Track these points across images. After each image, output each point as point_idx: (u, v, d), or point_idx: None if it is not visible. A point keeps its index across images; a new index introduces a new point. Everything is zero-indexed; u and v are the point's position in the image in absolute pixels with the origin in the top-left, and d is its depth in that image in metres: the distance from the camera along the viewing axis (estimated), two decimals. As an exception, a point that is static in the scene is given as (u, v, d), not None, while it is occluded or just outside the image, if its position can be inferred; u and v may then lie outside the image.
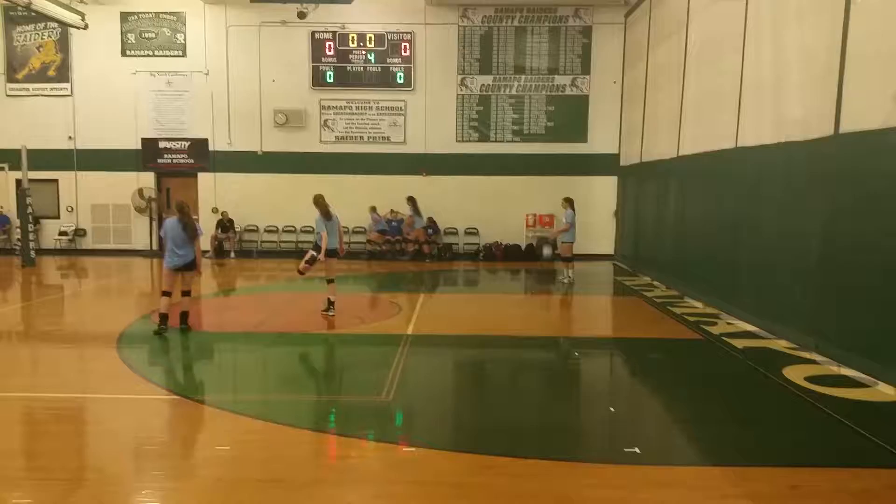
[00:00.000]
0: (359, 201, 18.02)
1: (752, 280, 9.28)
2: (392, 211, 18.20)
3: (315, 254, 9.74)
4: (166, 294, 8.79)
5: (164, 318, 8.72)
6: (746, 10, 9.61)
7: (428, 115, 18.32)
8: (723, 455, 4.87)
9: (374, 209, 17.94)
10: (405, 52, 18.17)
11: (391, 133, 18.44)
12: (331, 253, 9.92)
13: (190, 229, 8.71)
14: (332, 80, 18.31)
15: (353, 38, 18.15)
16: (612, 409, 6.13)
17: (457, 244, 18.59)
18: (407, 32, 18.11)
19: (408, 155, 18.38)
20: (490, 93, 18.33)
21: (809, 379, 6.68)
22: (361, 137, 18.48)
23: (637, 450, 4.89)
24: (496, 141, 18.38)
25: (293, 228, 18.54)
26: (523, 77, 18.24)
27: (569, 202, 13.54)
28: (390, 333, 8.96)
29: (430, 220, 18.20)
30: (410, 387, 6.66)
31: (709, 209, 10.98)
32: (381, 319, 10.17)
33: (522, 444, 5.08)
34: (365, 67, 18.26)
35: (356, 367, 7.63)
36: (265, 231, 18.73)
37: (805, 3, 8.09)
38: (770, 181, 8.78)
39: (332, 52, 18.24)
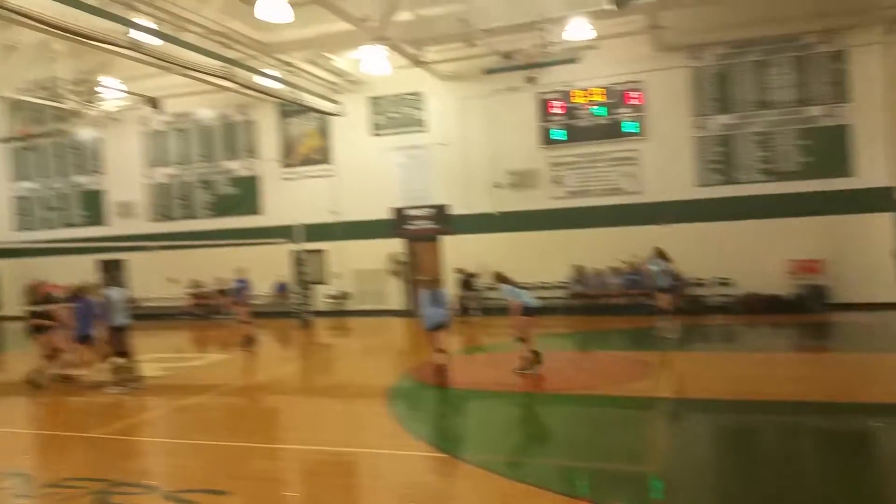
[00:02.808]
0: (594, 255, 17.92)
1: None
2: (629, 262, 17.72)
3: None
4: (438, 351, 9.80)
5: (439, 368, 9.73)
6: None
7: (662, 161, 17.75)
8: None
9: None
10: (634, 101, 17.91)
11: (624, 183, 18.13)
12: (532, 311, 10.28)
13: (439, 296, 9.89)
14: (559, 138, 18.59)
15: (579, 94, 18.33)
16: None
17: (707, 296, 17.45)
18: (635, 81, 17.88)
19: (643, 205, 17.88)
20: (730, 132, 17.30)
21: None
22: (593, 190, 18.40)
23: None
24: (742, 182, 17.20)
25: (531, 285, 18.79)
26: (768, 112, 16.97)
27: (657, 252, 13.29)
28: (642, 396, 8.63)
29: (674, 271, 17.35)
30: (670, 456, 6.31)
31: None
32: (631, 381, 9.83)
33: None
34: (593, 121, 18.30)
35: (610, 431, 7.42)
36: (504, 288, 19.20)
37: None
38: None
39: (558, 111, 18.56)
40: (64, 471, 6.60)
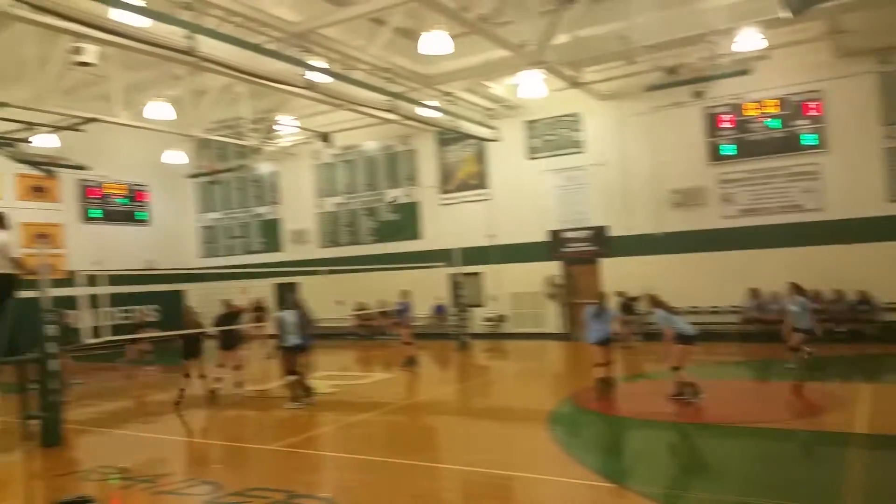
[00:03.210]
0: (771, 277, 16.62)
1: None
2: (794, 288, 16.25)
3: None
4: (599, 365, 10.33)
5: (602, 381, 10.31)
6: None
7: (847, 175, 16.19)
8: None
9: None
10: (813, 111, 16.55)
11: (804, 200, 16.72)
12: (687, 339, 9.95)
13: (604, 311, 10.46)
14: (730, 153, 17.58)
15: (751, 106, 17.26)
16: None
17: (901, 322, 15.61)
18: (813, 91, 16.54)
19: (826, 222, 16.38)
20: (929, 140, 15.49)
21: None
22: (768, 208, 17.15)
23: None
24: (945, 196, 15.30)
25: (698, 309, 17.84)
26: (976, 116, 15.03)
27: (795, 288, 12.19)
28: (830, 430, 7.81)
29: (861, 293, 15.72)
30: (873, 499, 5.62)
31: None
32: (817, 414, 8.96)
33: None
34: (767, 135, 17.12)
35: (792, 468, 6.78)
36: (667, 312, 18.35)
37: None
38: None
39: (728, 125, 17.58)
40: (248, 481, 7.07)
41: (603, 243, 19.26)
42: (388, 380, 13.92)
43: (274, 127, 20.59)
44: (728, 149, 17.59)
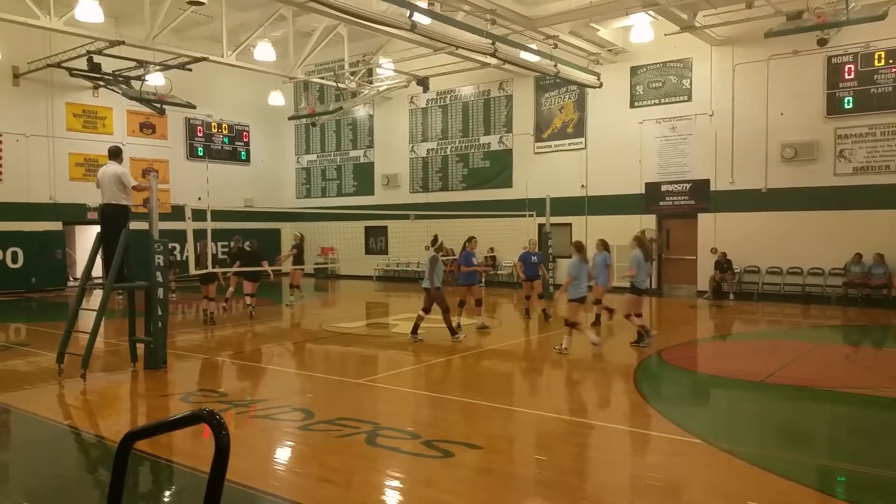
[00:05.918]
0: (886, 240, 15.55)
1: None
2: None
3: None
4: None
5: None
6: None
7: None
8: None
9: None
10: (952, 61, 15.05)
11: (930, 159, 15.40)
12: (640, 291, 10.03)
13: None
14: (850, 106, 16.31)
15: (879, 56, 15.86)
16: None
17: None
18: (955, 38, 15.01)
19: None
20: None
21: None
22: (888, 167, 15.91)
23: None
24: None
25: (799, 270, 16.98)
26: None
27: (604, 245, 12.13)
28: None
29: None
30: None
31: None
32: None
33: None
34: (895, 87, 15.73)
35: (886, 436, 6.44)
36: (767, 272, 17.57)
37: None
38: None
39: (851, 76, 16.27)
40: (337, 410, 7.32)
41: (704, 198, 18.48)
42: (470, 325, 13.99)
43: (372, 70, 20.65)
44: (849, 101, 16.34)
